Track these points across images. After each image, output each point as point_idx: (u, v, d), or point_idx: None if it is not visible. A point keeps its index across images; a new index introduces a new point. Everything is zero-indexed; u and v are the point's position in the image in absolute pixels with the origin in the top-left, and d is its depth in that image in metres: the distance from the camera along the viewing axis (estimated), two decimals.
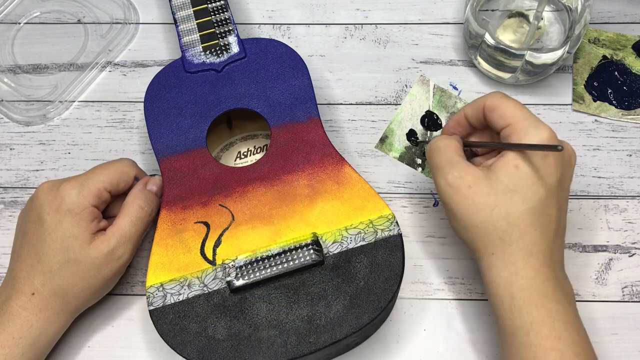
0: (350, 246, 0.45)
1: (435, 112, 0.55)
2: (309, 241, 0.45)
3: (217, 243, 0.47)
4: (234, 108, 0.51)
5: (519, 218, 0.41)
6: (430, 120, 0.55)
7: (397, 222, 0.45)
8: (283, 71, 0.52)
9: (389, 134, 0.55)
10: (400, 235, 0.45)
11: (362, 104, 0.56)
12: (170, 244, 0.47)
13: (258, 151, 0.55)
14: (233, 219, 0.47)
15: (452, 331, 0.49)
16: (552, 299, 0.41)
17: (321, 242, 0.45)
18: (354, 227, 0.45)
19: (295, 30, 0.58)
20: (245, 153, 0.55)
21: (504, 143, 0.42)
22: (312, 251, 0.44)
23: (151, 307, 0.45)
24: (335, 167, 0.48)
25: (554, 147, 0.38)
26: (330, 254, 0.45)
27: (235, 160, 0.55)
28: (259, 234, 0.46)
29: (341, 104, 0.56)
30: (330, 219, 0.46)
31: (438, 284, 0.50)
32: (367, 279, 0.44)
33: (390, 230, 0.45)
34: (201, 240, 0.47)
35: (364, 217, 0.46)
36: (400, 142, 0.54)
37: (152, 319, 0.44)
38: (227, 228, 0.47)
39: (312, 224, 0.46)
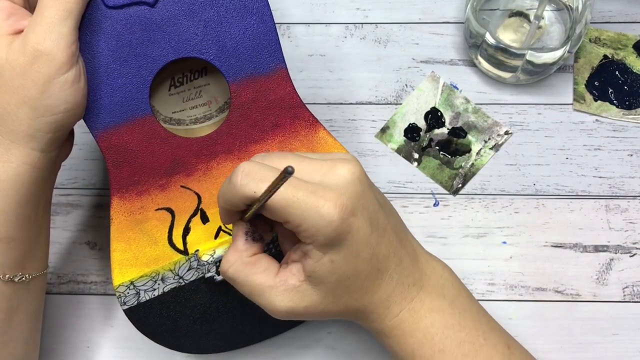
0: None
1: (441, 109, 0.55)
2: None
3: (186, 231, 0.42)
4: (178, 58, 0.41)
5: (361, 291, 0.37)
6: (433, 118, 0.55)
7: None
8: (236, 5, 0.41)
9: (391, 125, 0.55)
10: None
11: (362, 104, 0.56)
12: (132, 237, 0.42)
13: (195, 75, 0.47)
14: (199, 201, 0.42)
15: None
16: (425, 313, 0.38)
17: None
18: None
19: (295, 29, 0.58)
20: (180, 79, 0.47)
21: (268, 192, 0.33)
22: None
23: (125, 307, 0.42)
24: (309, 131, 0.43)
25: (283, 174, 0.29)
26: None
27: (169, 90, 0.46)
28: None
29: (341, 103, 0.56)
30: None
31: None
32: None
33: None
34: (167, 230, 0.42)
35: None
36: (400, 135, 0.54)
37: (129, 319, 0.42)
38: (194, 213, 0.42)
39: None
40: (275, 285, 0.36)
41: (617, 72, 0.55)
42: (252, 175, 0.34)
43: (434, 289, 0.39)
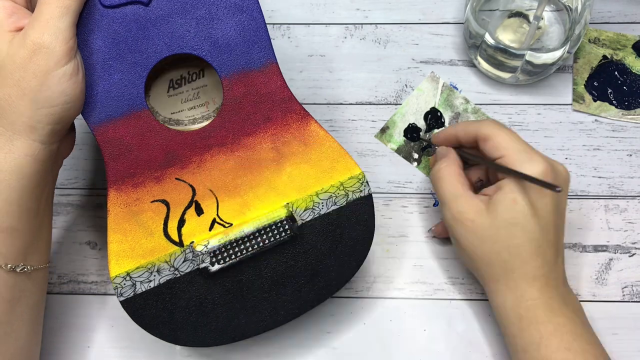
0: (323, 212, 0.44)
1: (441, 110, 0.55)
2: (283, 217, 0.43)
3: (181, 222, 0.43)
4: (172, 54, 0.42)
5: (520, 249, 0.43)
6: (433, 118, 0.55)
7: (367, 181, 0.45)
8: (227, 3, 0.43)
9: (391, 125, 0.55)
10: (370, 195, 0.44)
11: (362, 104, 0.56)
12: (128, 228, 0.43)
13: (194, 77, 0.48)
14: (194, 193, 0.43)
15: (452, 331, 0.49)
16: (559, 313, 0.42)
17: (293, 212, 0.44)
18: (325, 192, 0.44)
19: (295, 30, 0.58)
20: (179, 81, 0.48)
21: (502, 166, 0.43)
22: (287, 228, 0.43)
23: (121, 298, 0.42)
24: (300, 124, 0.44)
25: (553, 187, 0.40)
26: (303, 222, 0.44)
27: (168, 91, 0.48)
28: (226, 208, 0.43)
29: (341, 104, 0.56)
30: (299, 185, 0.44)
31: (438, 284, 0.50)
32: (339, 243, 0.44)
33: (361, 191, 0.44)
34: (162, 221, 0.43)
35: (334, 180, 0.44)
36: (400, 135, 0.55)
37: (126, 310, 0.43)
38: (189, 205, 0.43)
39: (282, 192, 0.44)
40: (464, 195, 0.44)
41: (616, 73, 0.55)
42: (494, 122, 0.45)
43: (570, 300, 0.44)
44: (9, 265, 0.41)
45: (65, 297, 0.51)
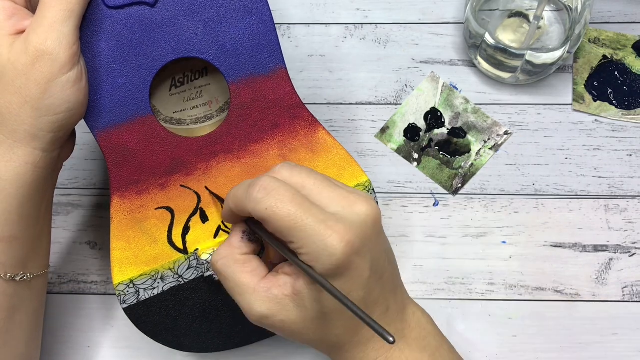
0: None
1: (441, 110, 0.55)
2: None
3: (186, 230, 0.43)
4: (178, 57, 0.41)
5: (340, 332, 0.36)
6: (433, 118, 0.55)
7: (373, 189, 0.44)
8: (236, 5, 0.41)
9: (391, 125, 0.55)
10: (376, 203, 0.43)
11: (362, 104, 0.56)
12: (132, 236, 0.42)
13: (197, 75, 0.47)
14: (199, 200, 0.43)
15: (452, 331, 0.49)
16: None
17: None
18: None
19: (295, 30, 0.58)
20: (181, 79, 0.47)
21: (304, 268, 0.33)
22: None
23: (124, 305, 0.42)
24: (308, 131, 0.43)
25: (385, 337, 0.30)
26: None
27: (170, 90, 0.47)
28: None
29: (341, 104, 0.56)
30: None
31: (438, 284, 0.50)
32: None
33: None
34: (167, 229, 0.42)
35: None
36: (400, 135, 0.55)
37: (129, 317, 0.43)
38: (194, 212, 0.43)
39: None
40: (257, 289, 0.35)
41: (616, 73, 0.55)
42: (269, 191, 0.34)
43: (415, 342, 0.38)
44: (9, 275, 0.40)
45: (65, 297, 0.51)
